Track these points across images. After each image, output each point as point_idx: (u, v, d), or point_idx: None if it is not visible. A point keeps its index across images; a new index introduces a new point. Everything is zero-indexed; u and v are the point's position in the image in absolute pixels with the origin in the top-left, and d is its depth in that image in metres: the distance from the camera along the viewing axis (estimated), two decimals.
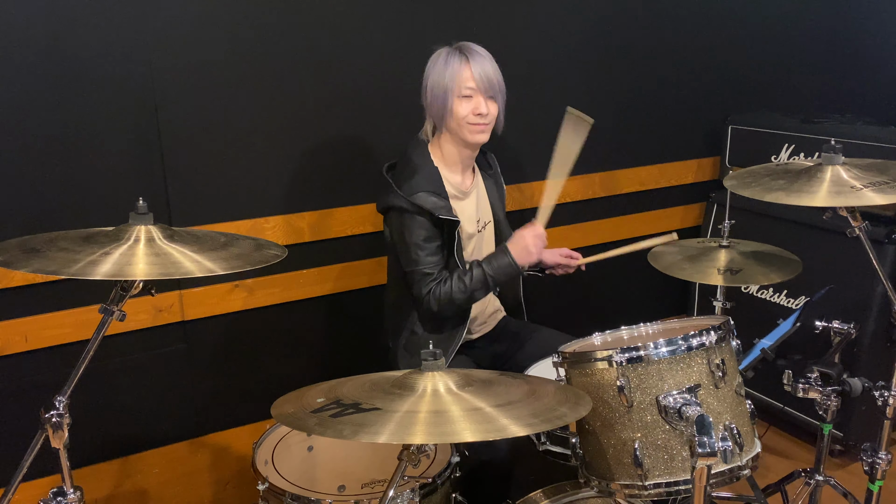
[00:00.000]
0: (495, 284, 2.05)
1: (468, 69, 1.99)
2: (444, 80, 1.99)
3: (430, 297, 2.02)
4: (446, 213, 1.99)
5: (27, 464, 1.43)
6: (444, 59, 2.01)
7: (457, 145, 2.09)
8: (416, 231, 2.00)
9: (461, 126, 2.02)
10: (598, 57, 2.83)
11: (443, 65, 2.00)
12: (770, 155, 2.92)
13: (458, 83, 1.99)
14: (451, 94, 1.99)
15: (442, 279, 2.03)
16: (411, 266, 2.03)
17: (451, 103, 2.00)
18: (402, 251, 2.05)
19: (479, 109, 2.00)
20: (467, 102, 2.00)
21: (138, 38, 2.04)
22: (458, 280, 2.02)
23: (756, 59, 3.20)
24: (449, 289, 2.01)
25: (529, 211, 2.76)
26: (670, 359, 1.44)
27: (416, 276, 2.03)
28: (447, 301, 2.02)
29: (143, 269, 1.33)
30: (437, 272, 2.03)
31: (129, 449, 2.30)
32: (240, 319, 2.35)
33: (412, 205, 1.98)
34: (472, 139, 2.05)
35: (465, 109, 2.00)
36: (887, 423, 1.85)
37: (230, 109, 2.20)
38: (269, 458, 1.92)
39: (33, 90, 1.95)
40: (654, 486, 1.45)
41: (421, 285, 2.02)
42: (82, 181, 2.05)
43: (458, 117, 2.01)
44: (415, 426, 1.19)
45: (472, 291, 2.03)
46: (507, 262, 2.03)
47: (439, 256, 2.04)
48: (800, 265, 2.20)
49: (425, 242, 2.01)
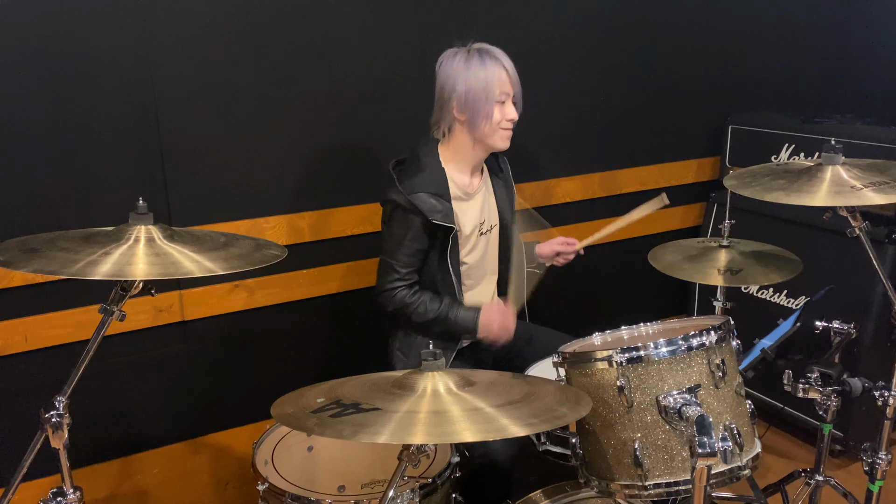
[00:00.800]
0: (452, 329, 2.06)
1: (506, 73, 1.96)
2: (484, 85, 1.94)
3: (390, 295, 2.04)
4: (441, 219, 1.98)
5: (27, 464, 1.43)
6: (478, 61, 1.95)
7: (475, 147, 2.06)
8: (404, 229, 2.00)
9: (494, 132, 2.00)
10: (598, 57, 2.83)
11: (479, 68, 1.95)
12: (770, 155, 2.92)
13: (498, 88, 1.96)
14: (491, 101, 1.96)
15: (412, 286, 2.05)
16: (385, 256, 2.05)
17: (492, 109, 1.96)
18: (384, 239, 2.07)
19: (512, 115, 2.00)
20: (500, 108, 1.98)
21: (138, 38, 2.04)
22: (428, 301, 2.04)
23: (756, 59, 3.20)
24: (413, 302, 2.03)
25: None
26: (670, 359, 1.45)
27: (385, 267, 2.05)
28: (403, 310, 2.04)
29: (143, 269, 1.33)
30: (406, 273, 2.04)
31: (128, 449, 2.30)
32: (240, 319, 2.35)
33: (409, 203, 1.97)
34: (501, 145, 2.04)
35: (499, 115, 1.98)
36: (887, 423, 1.85)
37: (230, 109, 2.20)
38: (269, 458, 1.92)
39: (33, 90, 1.95)
40: (654, 486, 1.45)
41: (386, 278, 2.04)
42: (82, 181, 2.05)
43: (494, 122, 1.98)
44: (415, 426, 1.19)
45: (429, 319, 2.04)
46: (470, 320, 2.05)
47: (416, 259, 2.04)
48: (800, 265, 2.20)
49: (408, 241, 2.01)
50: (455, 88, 1.97)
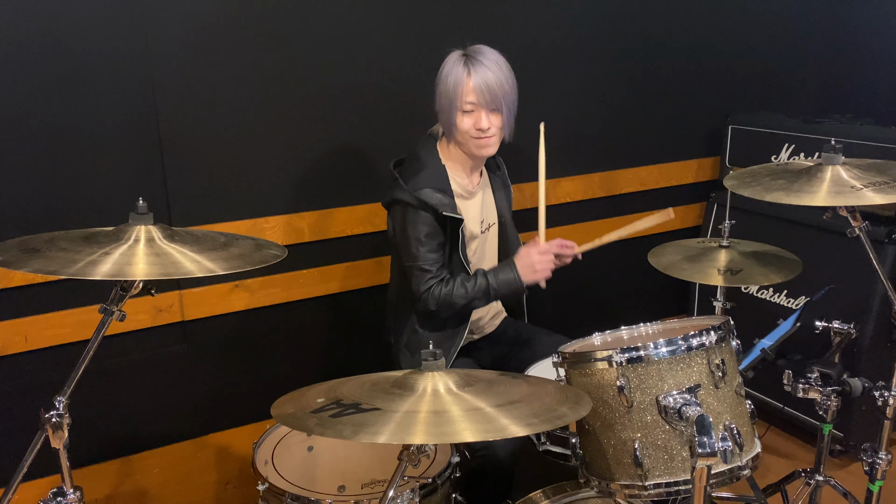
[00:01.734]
0: (497, 297, 2.05)
1: (469, 82, 1.93)
2: (448, 93, 1.96)
3: (428, 295, 2.01)
4: (450, 211, 1.99)
5: (27, 464, 1.43)
6: (450, 68, 1.96)
7: (464, 153, 2.07)
8: (419, 226, 1.99)
9: (467, 140, 2.00)
10: (598, 57, 2.83)
11: (446, 76, 1.96)
12: (770, 155, 2.92)
13: (459, 97, 1.95)
14: (455, 109, 1.96)
15: (443, 279, 2.02)
16: (410, 261, 2.02)
17: (455, 117, 1.97)
18: (402, 245, 2.04)
19: (480, 124, 1.96)
20: (468, 117, 1.97)
21: (138, 38, 2.04)
22: (460, 284, 2.02)
23: (756, 59, 3.20)
24: (450, 291, 2.01)
25: (528, 211, 2.77)
26: (670, 359, 1.44)
27: (414, 272, 2.02)
28: (446, 302, 2.01)
29: (143, 269, 1.33)
30: (437, 270, 2.02)
31: (129, 449, 2.30)
32: (240, 319, 2.35)
33: (417, 200, 1.97)
34: (477, 153, 2.03)
35: (466, 124, 1.97)
36: (887, 423, 1.85)
37: (230, 109, 2.20)
38: (269, 458, 1.92)
39: (33, 90, 1.95)
40: (654, 486, 1.45)
41: (420, 282, 2.01)
42: (82, 181, 2.05)
43: (461, 131, 1.99)
44: (415, 426, 1.19)
45: (472, 299, 2.02)
46: (511, 277, 2.03)
47: (440, 254, 2.03)
48: (800, 265, 2.20)
49: (427, 238, 2.00)
50: (435, 92, 2.01)
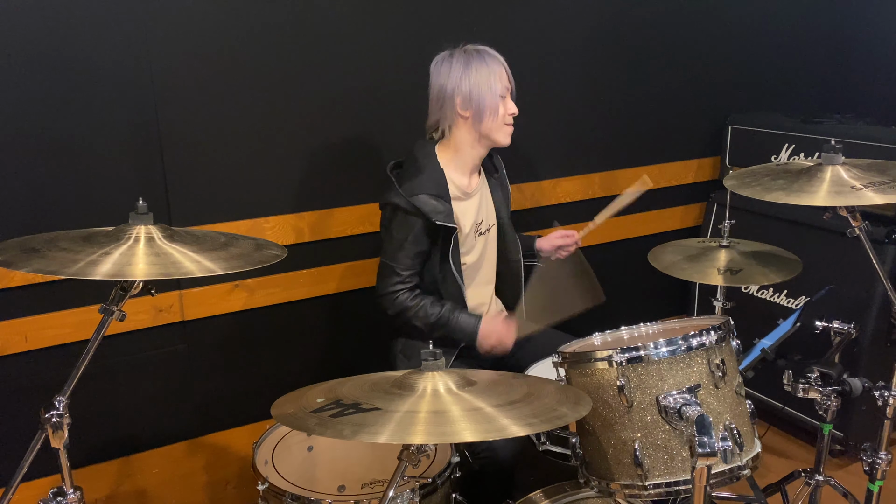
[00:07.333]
0: (447, 333, 2.05)
1: (502, 70, 2.03)
2: (488, 80, 2.00)
3: (391, 298, 2.04)
4: (444, 220, 1.99)
5: (27, 464, 1.43)
6: (478, 59, 2.01)
7: (476, 145, 2.09)
8: (405, 231, 2.01)
9: (500, 127, 2.05)
10: (598, 57, 2.83)
11: (480, 65, 2.01)
12: (770, 155, 2.92)
13: (501, 84, 2.02)
14: (496, 97, 2.02)
15: (413, 290, 2.05)
16: (386, 258, 2.05)
17: (496, 103, 2.02)
18: (385, 241, 2.07)
19: (513, 110, 2.06)
20: (502, 103, 2.04)
21: (138, 37, 2.04)
22: (429, 304, 2.04)
23: (756, 59, 3.20)
24: (415, 305, 2.04)
25: (528, 211, 2.78)
26: (670, 359, 1.45)
27: (385, 270, 2.05)
28: (403, 312, 2.04)
29: (143, 269, 1.33)
30: (408, 276, 2.04)
31: (129, 449, 2.30)
32: (240, 319, 2.35)
33: (410, 205, 1.98)
34: (504, 140, 2.09)
35: (503, 109, 2.04)
36: (887, 423, 1.85)
37: (230, 109, 2.20)
38: (269, 458, 1.92)
39: (33, 90, 1.95)
40: (654, 486, 1.45)
41: (387, 282, 2.04)
42: (82, 181, 2.05)
43: (499, 117, 2.04)
44: (415, 426, 1.19)
45: (430, 325, 2.04)
46: (471, 327, 2.05)
47: (416, 262, 2.05)
48: (800, 265, 2.20)
49: (409, 244, 2.01)
50: (458, 86, 2.01)
